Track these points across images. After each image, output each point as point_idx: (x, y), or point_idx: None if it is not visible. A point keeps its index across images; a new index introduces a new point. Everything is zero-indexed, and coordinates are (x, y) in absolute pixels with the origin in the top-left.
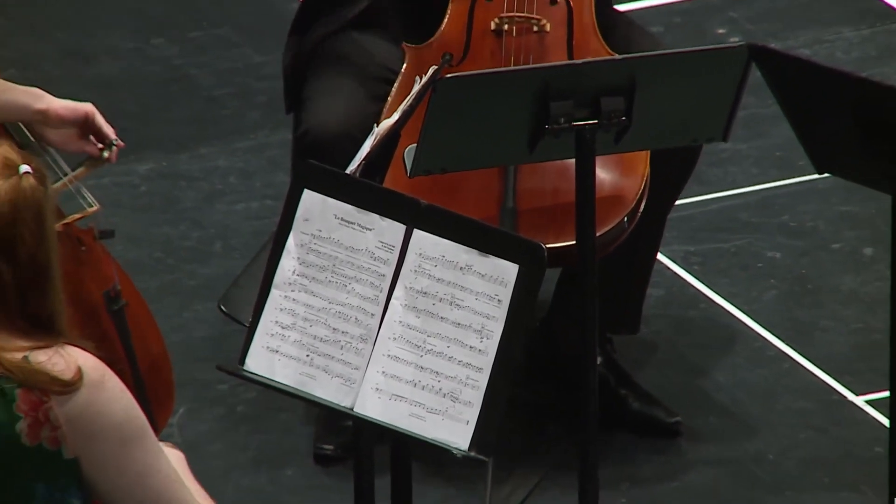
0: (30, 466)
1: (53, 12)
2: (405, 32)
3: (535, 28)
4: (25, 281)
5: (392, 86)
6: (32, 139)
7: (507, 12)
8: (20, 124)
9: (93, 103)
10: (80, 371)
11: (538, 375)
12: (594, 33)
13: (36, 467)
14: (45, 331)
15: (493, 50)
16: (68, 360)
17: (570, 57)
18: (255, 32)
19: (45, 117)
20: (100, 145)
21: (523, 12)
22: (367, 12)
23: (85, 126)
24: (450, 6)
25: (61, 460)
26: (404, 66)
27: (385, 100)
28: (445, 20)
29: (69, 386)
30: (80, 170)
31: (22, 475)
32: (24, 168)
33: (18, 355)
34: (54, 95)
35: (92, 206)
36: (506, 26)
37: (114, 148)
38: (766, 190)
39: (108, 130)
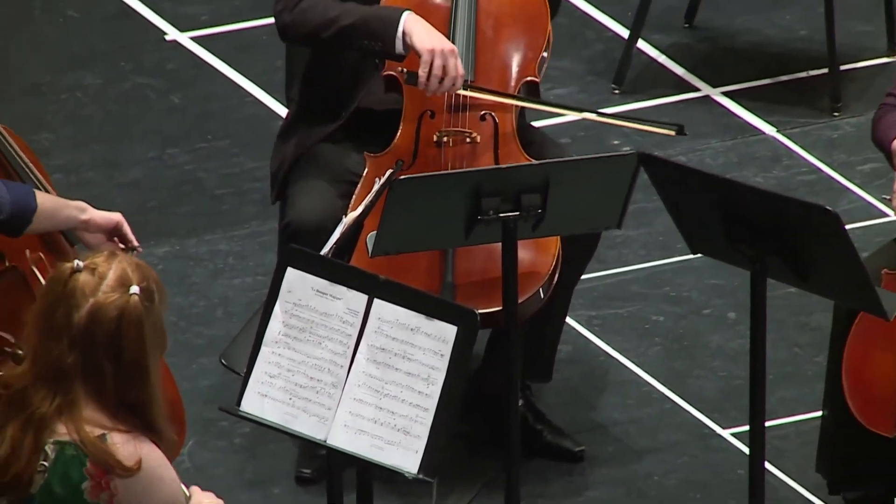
0: None
1: (90, 129)
2: (366, 145)
3: (468, 140)
4: (122, 374)
5: (356, 186)
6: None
7: (445, 127)
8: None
9: (121, 202)
10: (139, 462)
11: (473, 413)
12: (515, 143)
13: None
14: (132, 416)
15: (435, 157)
16: (137, 449)
17: (497, 162)
18: (250, 144)
19: (87, 226)
20: (123, 247)
21: (458, 127)
22: (337, 130)
23: (113, 232)
24: (401, 124)
25: None
26: (365, 170)
27: (350, 197)
28: (398, 134)
29: (128, 472)
30: None
31: None
32: (134, 289)
33: (98, 431)
34: (90, 194)
35: None
36: (445, 138)
37: (134, 252)
38: (652, 267)
39: (132, 238)
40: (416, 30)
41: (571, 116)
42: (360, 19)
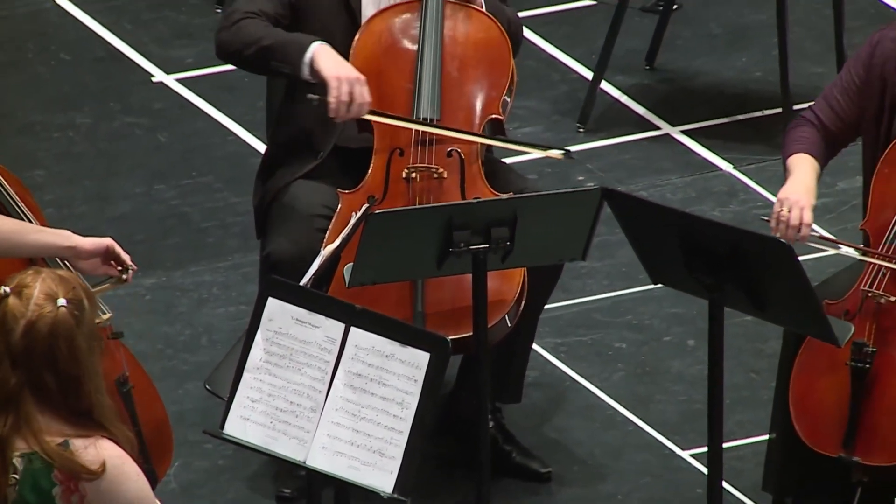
0: None
1: (81, 165)
2: (340, 181)
3: (436, 175)
4: (64, 384)
5: (331, 221)
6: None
7: (413, 164)
8: (56, 259)
9: (111, 235)
10: (103, 464)
11: (446, 434)
12: (481, 178)
13: None
14: (86, 420)
15: (405, 192)
16: (98, 452)
17: (463, 196)
18: (232, 180)
19: (75, 252)
20: (119, 268)
21: (426, 163)
22: (313, 169)
23: (107, 255)
24: (372, 161)
25: None
26: (340, 206)
27: (326, 231)
28: (369, 172)
29: (93, 475)
30: (105, 286)
31: None
32: (62, 301)
33: (59, 439)
34: (82, 228)
35: (106, 314)
36: (413, 174)
37: (130, 271)
38: (615, 296)
39: (126, 257)
40: (324, 58)
41: (539, 152)
42: (278, 42)
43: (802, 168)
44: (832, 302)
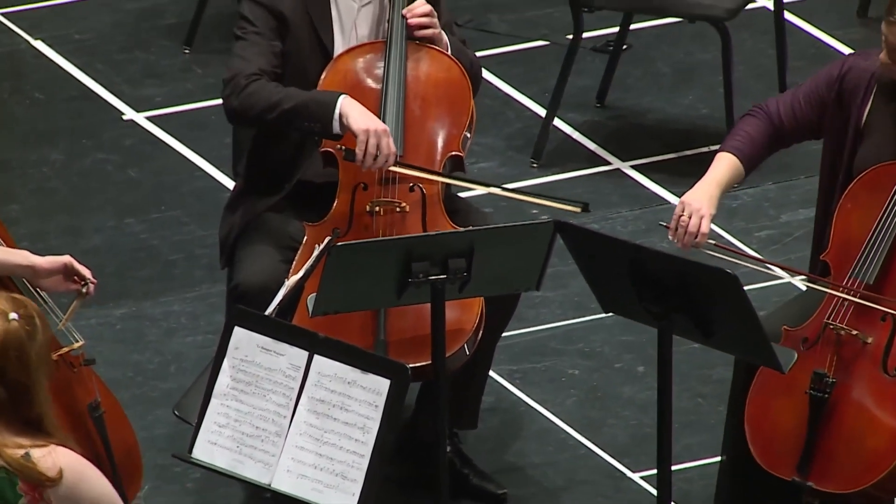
0: None
1: (54, 200)
2: (306, 214)
3: (398, 209)
4: (14, 395)
5: (296, 252)
6: (32, 291)
7: (377, 198)
8: (24, 280)
9: (87, 267)
10: (60, 471)
11: (405, 458)
12: (441, 212)
13: None
14: (37, 430)
15: (368, 225)
16: (55, 460)
17: (424, 229)
18: (200, 214)
19: (33, 271)
20: (81, 283)
21: (389, 198)
22: (280, 201)
23: (67, 272)
24: (337, 195)
25: None
26: (305, 238)
27: (292, 262)
28: (334, 205)
29: (53, 482)
30: (71, 308)
31: None
32: (13, 315)
33: (20, 451)
34: None
35: (79, 341)
36: (377, 208)
37: (90, 284)
38: (568, 325)
39: (85, 272)
40: (352, 112)
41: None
42: (301, 103)
43: (716, 171)
44: (791, 329)
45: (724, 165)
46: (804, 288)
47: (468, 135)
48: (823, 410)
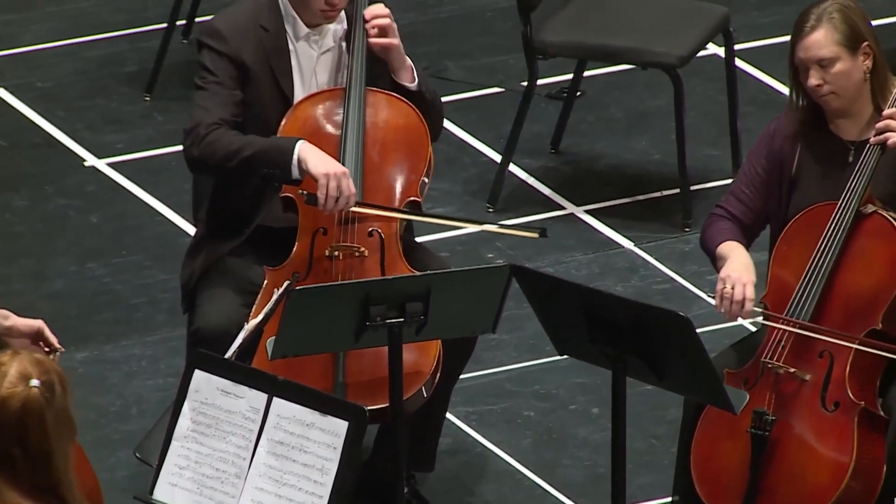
0: None
1: (18, 245)
2: (266, 259)
3: (357, 253)
4: (32, 460)
5: (257, 296)
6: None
7: (336, 242)
8: None
9: (46, 311)
10: None
11: (364, 499)
12: (400, 256)
13: None
14: (49, 496)
15: (327, 269)
16: None
17: (383, 273)
18: (161, 258)
19: (10, 332)
20: (47, 349)
21: (348, 242)
22: (240, 245)
23: (36, 336)
24: (297, 240)
25: None
26: (265, 282)
27: (252, 306)
28: (294, 249)
29: None
30: None
31: None
32: (35, 382)
33: None
34: (19, 305)
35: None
36: (336, 252)
37: (57, 353)
38: (523, 367)
39: (54, 340)
40: (310, 156)
41: (451, 232)
42: (260, 150)
43: (737, 250)
44: (732, 371)
45: (736, 246)
46: (754, 330)
47: (426, 180)
48: (765, 448)
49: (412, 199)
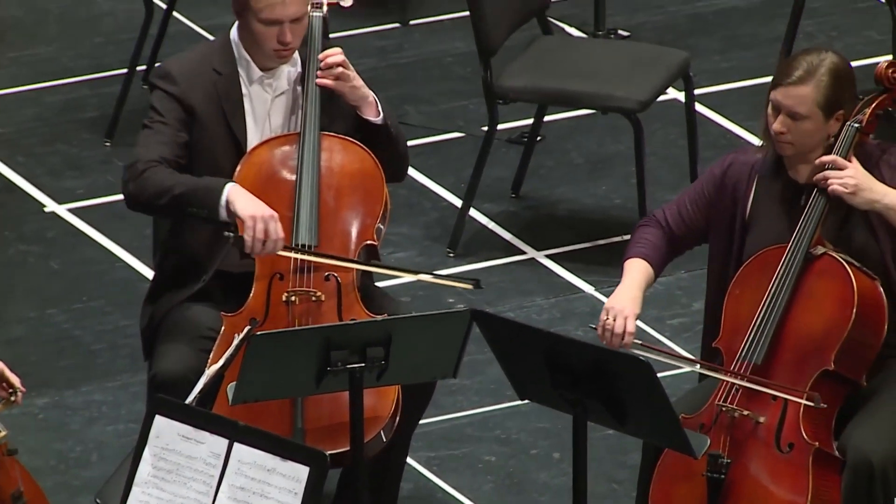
0: None
1: None
2: (224, 304)
3: (314, 298)
4: None
5: (215, 342)
6: None
7: (293, 287)
8: None
9: (6, 357)
10: None
11: None
12: (357, 300)
13: None
14: None
15: (284, 314)
16: None
17: (340, 318)
18: (122, 304)
19: None
20: (10, 390)
21: (304, 287)
22: (197, 292)
23: None
24: (254, 286)
25: None
26: (223, 328)
27: (210, 352)
28: (251, 295)
29: None
30: None
31: None
32: None
33: None
34: None
35: (2, 431)
36: (293, 297)
37: (18, 394)
38: (485, 412)
39: (15, 380)
40: (238, 199)
41: (409, 277)
42: (190, 190)
43: (632, 275)
44: (688, 416)
45: (637, 269)
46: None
47: (381, 226)
48: (720, 491)
49: (368, 243)
